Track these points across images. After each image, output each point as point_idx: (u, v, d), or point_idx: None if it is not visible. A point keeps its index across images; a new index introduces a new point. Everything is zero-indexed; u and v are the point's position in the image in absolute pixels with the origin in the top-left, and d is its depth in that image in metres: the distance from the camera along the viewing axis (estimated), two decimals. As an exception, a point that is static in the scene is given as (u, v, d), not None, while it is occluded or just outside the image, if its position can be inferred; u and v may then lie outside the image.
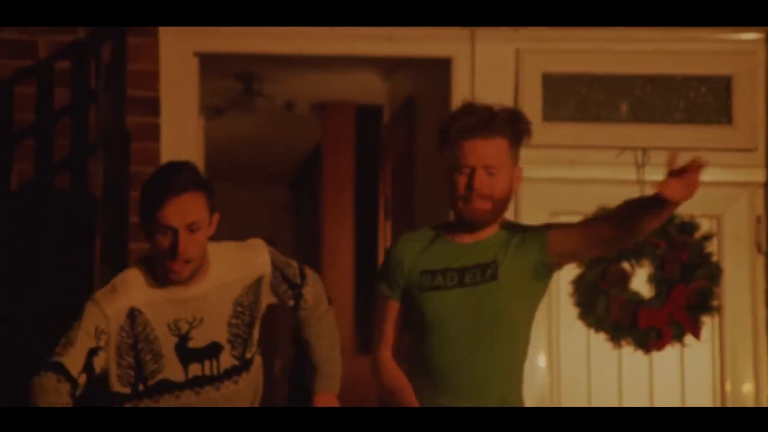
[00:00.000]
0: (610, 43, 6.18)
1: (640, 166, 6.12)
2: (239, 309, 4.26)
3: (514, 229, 4.21)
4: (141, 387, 4.15)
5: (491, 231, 4.15)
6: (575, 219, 5.55)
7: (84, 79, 6.06)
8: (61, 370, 4.06)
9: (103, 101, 6.01)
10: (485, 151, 4.07)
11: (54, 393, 4.05)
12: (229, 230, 10.16)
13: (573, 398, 6.13)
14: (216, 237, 4.85)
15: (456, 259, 4.14)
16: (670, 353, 5.92)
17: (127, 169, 6.05)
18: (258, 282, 4.28)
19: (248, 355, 4.25)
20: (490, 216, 4.09)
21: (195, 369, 4.19)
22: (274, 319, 10.26)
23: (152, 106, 6.10)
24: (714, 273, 6.02)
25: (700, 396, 6.08)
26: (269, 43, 6.20)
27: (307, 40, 6.05)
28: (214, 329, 4.19)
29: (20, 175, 5.94)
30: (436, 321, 4.12)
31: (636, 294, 5.87)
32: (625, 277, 5.91)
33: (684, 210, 5.49)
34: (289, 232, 10.72)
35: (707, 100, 6.31)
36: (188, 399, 4.19)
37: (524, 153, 5.67)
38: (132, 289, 4.16)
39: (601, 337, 5.97)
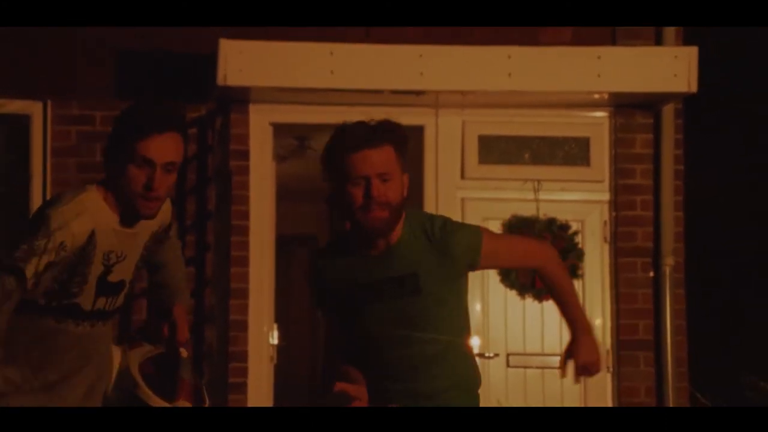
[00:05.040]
0: (519, 117, 6.34)
1: (536, 191, 6.29)
2: (144, 253, 3.32)
3: (424, 227, 3.21)
4: (54, 303, 3.19)
5: (396, 234, 3.19)
6: (498, 223, 6.19)
7: (205, 138, 6.22)
8: (21, 277, 3.02)
9: (216, 152, 6.22)
10: (377, 159, 3.08)
11: (5, 296, 3.02)
12: (293, 230, 10.20)
13: (496, 329, 6.25)
14: (282, 236, 5.34)
15: (370, 272, 3.18)
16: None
17: (230, 194, 6.16)
18: (163, 229, 3.39)
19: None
20: (388, 224, 3.14)
21: (100, 302, 3.24)
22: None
23: (245, 155, 6.20)
24: (579, 254, 6.31)
25: (571, 327, 6.40)
26: (314, 117, 6.21)
27: (337, 114, 5.54)
28: (127, 268, 3.27)
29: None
30: (363, 334, 3.27)
31: (535, 267, 6.55)
32: (529, 257, 6.45)
33: (563, 216, 6.34)
34: (326, 231, 10.57)
35: (575, 152, 6.36)
36: (84, 330, 3.23)
37: (468, 183, 6.23)
38: (96, 213, 3.15)
39: (513, 292, 6.26)
